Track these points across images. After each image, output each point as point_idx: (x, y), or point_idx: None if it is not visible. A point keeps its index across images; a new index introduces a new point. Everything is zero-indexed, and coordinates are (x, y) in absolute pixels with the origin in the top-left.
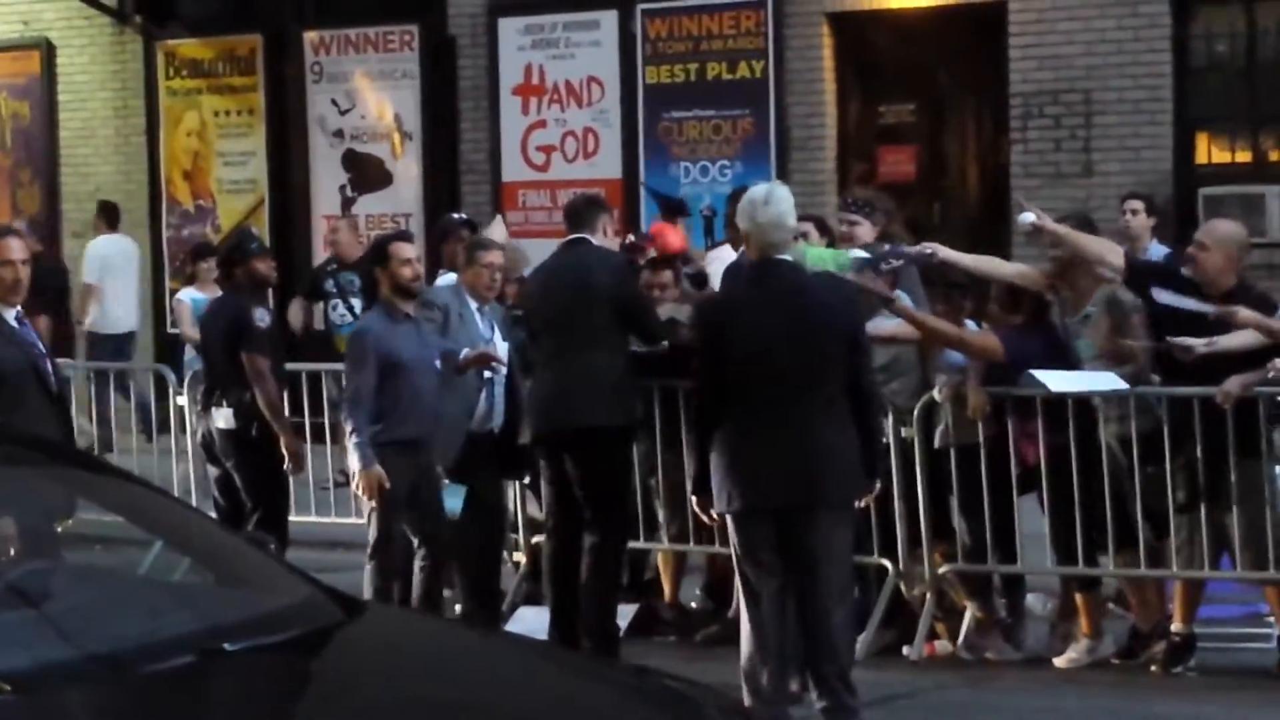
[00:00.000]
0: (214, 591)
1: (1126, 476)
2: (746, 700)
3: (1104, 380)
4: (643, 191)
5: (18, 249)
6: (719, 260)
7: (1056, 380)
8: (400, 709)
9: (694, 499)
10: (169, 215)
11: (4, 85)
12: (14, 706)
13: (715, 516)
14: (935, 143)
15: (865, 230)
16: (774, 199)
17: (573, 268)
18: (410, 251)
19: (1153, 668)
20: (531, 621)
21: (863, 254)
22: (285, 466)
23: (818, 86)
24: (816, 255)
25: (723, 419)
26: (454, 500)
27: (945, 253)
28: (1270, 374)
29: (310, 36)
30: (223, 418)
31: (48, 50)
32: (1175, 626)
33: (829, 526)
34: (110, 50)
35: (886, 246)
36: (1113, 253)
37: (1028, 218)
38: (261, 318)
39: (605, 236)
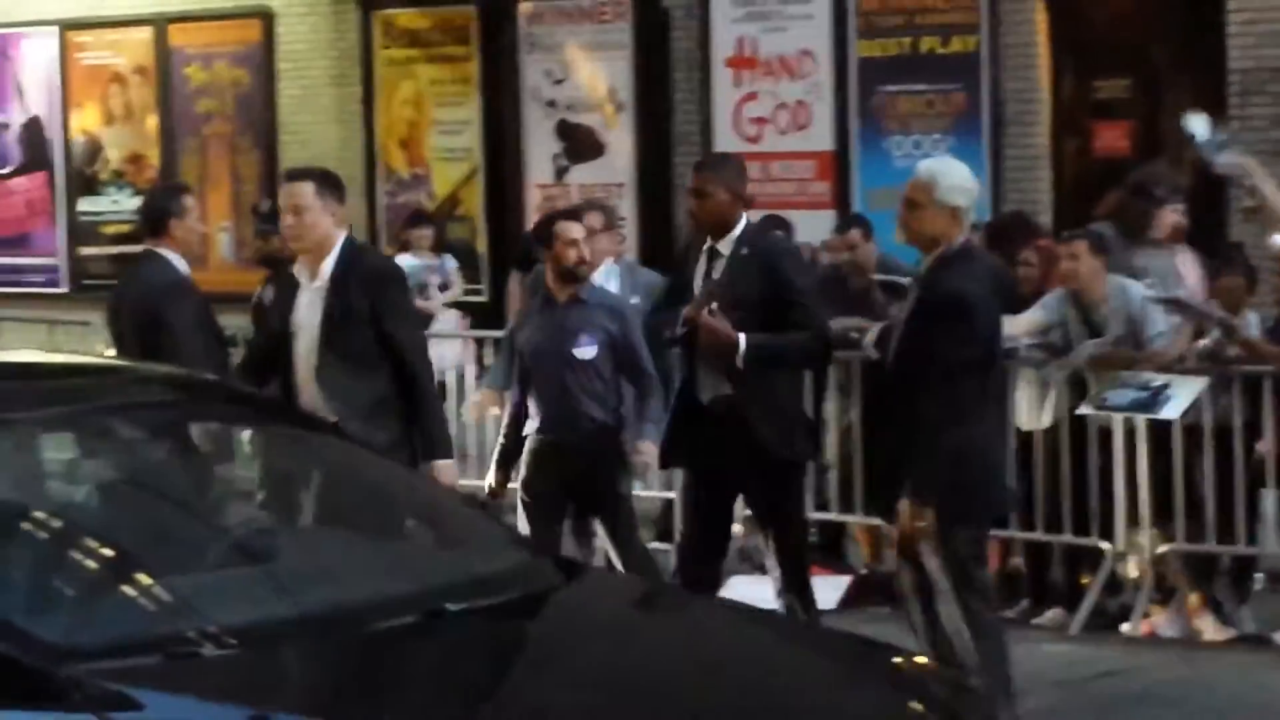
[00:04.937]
0: (435, 553)
1: None
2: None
3: None
4: (855, 168)
5: None
6: None
7: None
8: (617, 674)
9: (918, 508)
10: (384, 183)
11: (225, 53)
12: (239, 662)
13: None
14: (1151, 119)
15: None
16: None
17: None
18: (577, 231)
19: None
20: (745, 590)
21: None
22: None
23: (1032, 61)
24: None
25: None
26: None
27: None
28: None
29: (524, 7)
30: None
31: (268, 19)
32: None
33: None
34: (329, 19)
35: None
36: None
37: (1278, 241)
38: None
39: None
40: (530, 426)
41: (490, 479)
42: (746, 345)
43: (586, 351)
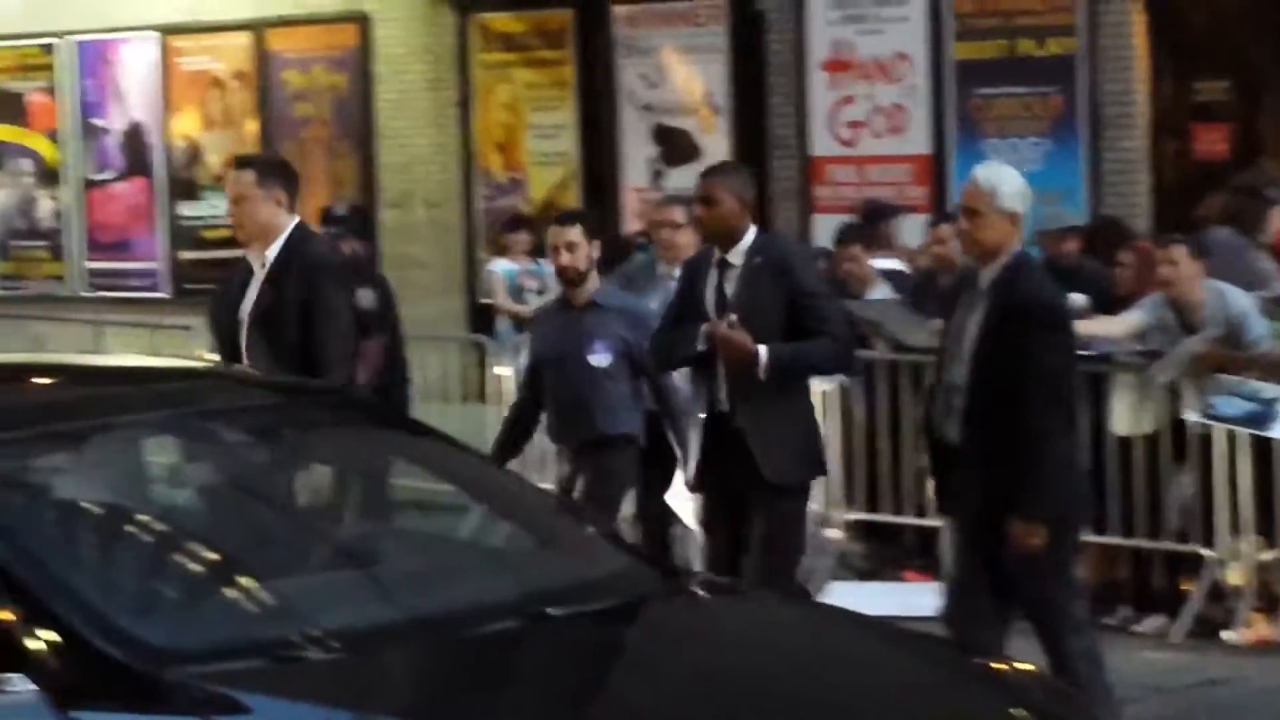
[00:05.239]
0: (536, 557)
1: None
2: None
3: None
4: (952, 172)
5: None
6: None
7: None
8: (719, 679)
9: (1033, 524)
10: (481, 187)
11: (322, 58)
12: (343, 665)
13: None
14: (1250, 121)
15: None
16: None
17: None
18: (566, 235)
19: None
20: (844, 597)
21: None
22: None
23: (1130, 63)
24: None
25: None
26: None
27: None
28: None
29: (620, 11)
30: None
31: (365, 24)
32: None
33: None
34: (425, 23)
35: None
36: None
37: None
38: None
39: None
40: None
41: None
42: (768, 356)
43: (601, 359)
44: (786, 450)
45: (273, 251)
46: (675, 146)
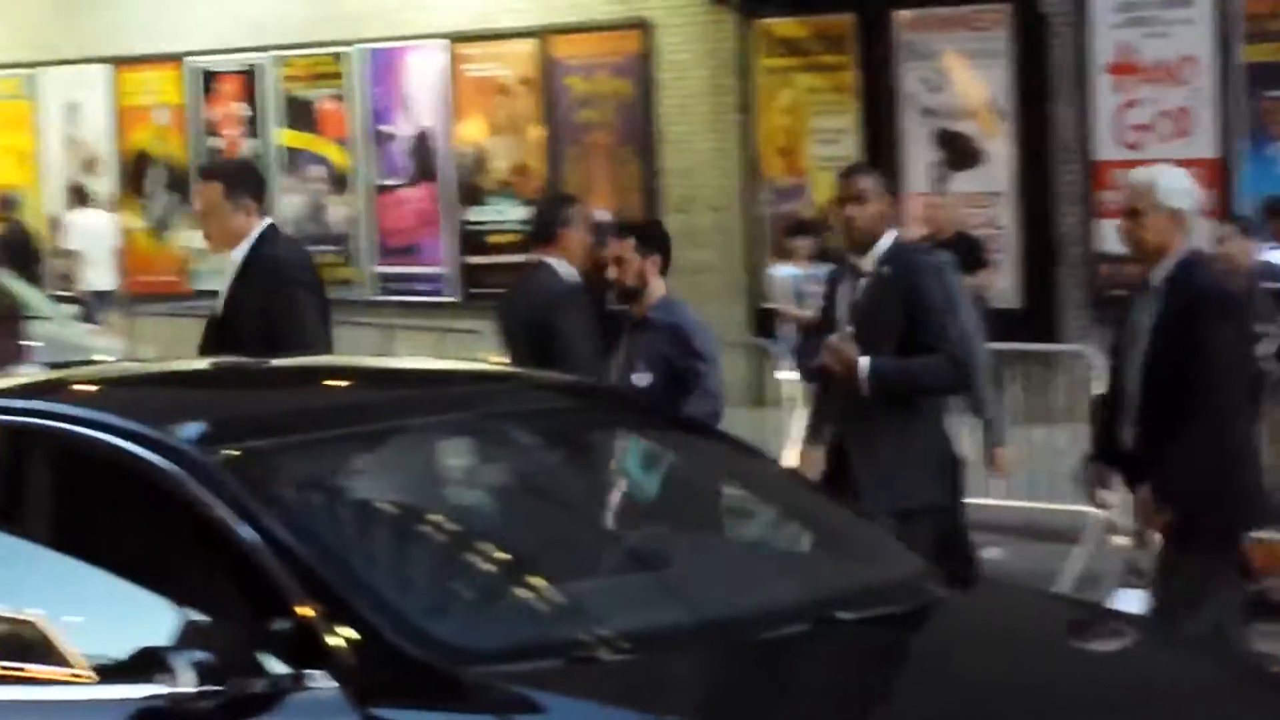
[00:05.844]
0: (825, 561)
1: None
2: None
3: None
4: (1240, 175)
5: None
6: None
7: None
8: (1010, 687)
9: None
10: (763, 192)
11: (606, 64)
12: (636, 667)
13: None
14: None
15: None
16: None
17: None
18: (616, 249)
19: None
20: (1131, 604)
21: None
22: None
23: None
24: None
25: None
26: None
27: None
28: None
29: (902, 15)
30: None
31: (648, 30)
32: None
33: None
34: (708, 29)
35: None
36: None
37: None
38: None
39: None
40: None
41: None
42: (870, 370)
43: (642, 379)
44: (889, 475)
45: (239, 253)
46: (957, 151)
